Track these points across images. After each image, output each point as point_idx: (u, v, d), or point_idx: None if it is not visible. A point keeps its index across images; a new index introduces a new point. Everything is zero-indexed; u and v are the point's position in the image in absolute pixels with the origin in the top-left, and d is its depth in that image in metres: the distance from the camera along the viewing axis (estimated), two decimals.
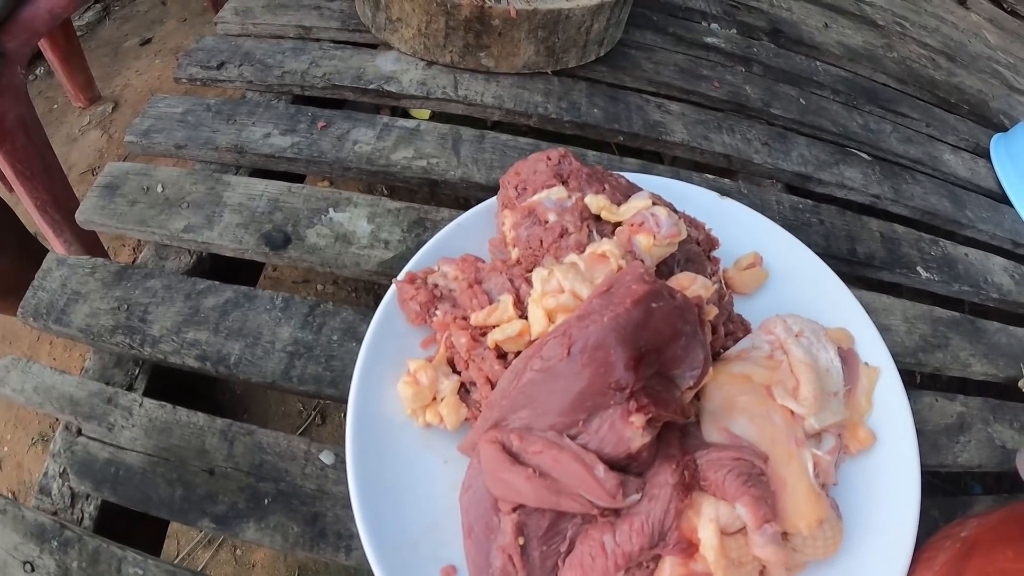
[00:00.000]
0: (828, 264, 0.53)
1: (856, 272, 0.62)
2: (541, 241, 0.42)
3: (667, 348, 0.37)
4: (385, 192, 0.95)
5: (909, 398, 0.49)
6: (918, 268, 0.63)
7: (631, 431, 0.35)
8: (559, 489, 0.35)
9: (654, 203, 0.42)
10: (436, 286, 0.43)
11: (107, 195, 0.56)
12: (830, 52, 0.85)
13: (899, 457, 0.45)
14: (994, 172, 0.78)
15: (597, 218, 0.43)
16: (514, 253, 0.44)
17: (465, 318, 0.41)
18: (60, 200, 0.79)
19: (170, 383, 0.52)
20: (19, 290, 0.51)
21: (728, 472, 0.38)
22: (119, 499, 0.43)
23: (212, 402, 0.83)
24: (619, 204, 0.43)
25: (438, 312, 0.42)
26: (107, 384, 0.48)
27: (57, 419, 0.46)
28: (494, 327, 0.40)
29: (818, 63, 0.83)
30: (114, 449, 0.44)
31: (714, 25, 0.85)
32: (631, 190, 0.45)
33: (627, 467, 0.37)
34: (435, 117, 0.68)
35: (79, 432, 0.45)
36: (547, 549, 0.37)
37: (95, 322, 0.49)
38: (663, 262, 0.42)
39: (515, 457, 0.36)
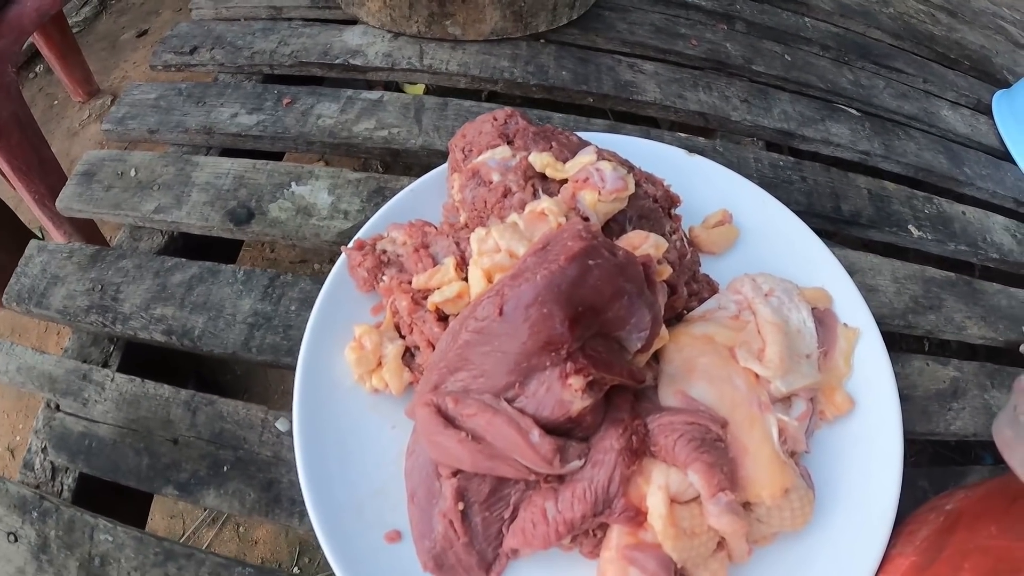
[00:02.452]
0: (809, 222, 0.49)
1: (841, 231, 0.57)
2: (485, 202, 0.39)
3: (608, 307, 0.34)
4: (380, 168, 0.93)
5: (896, 362, 0.45)
6: (909, 226, 0.59)
7: (569, 393, 0.33)
8: (493, 454, 0.33)
9: (600, 158, 0.39)
10: (384, 252, 0.41)
11: (84, 182, 0.56)
12: (820, 8, 0.79)
13: (880, 424, 0.41)
14: (996, 129, 0.72)
15: (543, 177, 0.40)
16: (462, 216, 0.41)
17: (409, 282, 0.39)
18: (57, 193, 0.80)
19: (159, 362, 0.52)
20: None
21: (680, 437, 0.35)
22: (92, 470, 0.43)
23: (209, 382, 0.83)
24: (566, 161, 0.40)
25: (385, 277, 0.40)
26: (84, 362, 0.48)
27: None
28: (436, 290, 0.38)
29: (807, 19, 0.77)
30: (87, 423, 0.45)
31: None
32: (582, 148, 0.42)
33: (570, 432, 0.35)
34: (435, 89, 0.65)
35: (57, 408, 0.46)
36: (490, 515, 0.35)
37: (72, 303, 0.49)
38: (613, 219, 0.39)
39: (451, 420, 0.34)
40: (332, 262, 0.44)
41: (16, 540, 0.40)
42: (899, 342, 0.52)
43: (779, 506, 0.36)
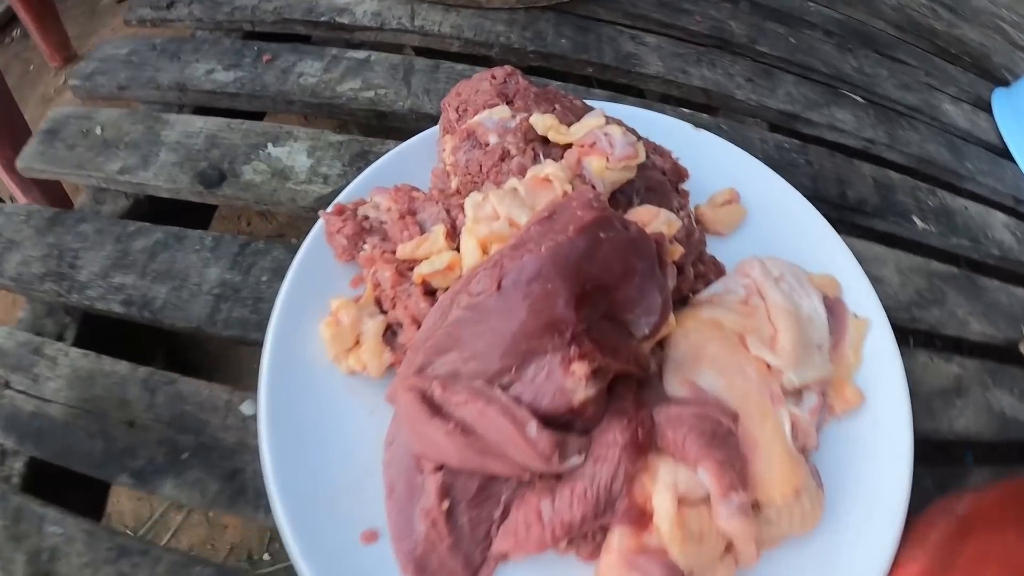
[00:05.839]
0: (815, 208, 0.44)
1: (846, 218, 0.53)
2: (481, 166, 0.34)
3: (618, 287, 0.29)
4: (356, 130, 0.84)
5: (901, 357, 0.41)
6: (913, 217, 0.55)
7: (572, 381, 0.28)
8: (484, 448, 0.28)
9: (608, 122, 0.33)
10: (366, 218, 0.36)
11: (47, 140, 0.50)
12: None
13: (890, 420, 0.37)
14: (995, 126, 0.69)
15: (545, 141, 0.34)
16: (454, 182, 0.36)
17: (393, 252, 0.33)
18: None
19: (121, 337, 0.45)
20: None
21: (689, 431, 0.31)
22: (42, 454, 0.37)
23: (181, 361, 0.76)
24: (570, 125, 0.34)
25: (366, 246, 0.35)
26: (37, 335, 0.42)
27: None
28: (424, 260, 0.32)
29: (810, 3, 0.73)
30: (38, 401, 0.39)
31: None
32: (586, 112, 0.36)
33: (570, 423, 0.29)
34: (426, 51, 0.57)
35: (7, 385, 0.40)
36: (477, 514, 0.30)
37: (26, 270, 0.43)
38: (620, 190, 0.34)
39: (437, 408, 0.28)
40: None
41: None
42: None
43: (790, 507, 0.32)
